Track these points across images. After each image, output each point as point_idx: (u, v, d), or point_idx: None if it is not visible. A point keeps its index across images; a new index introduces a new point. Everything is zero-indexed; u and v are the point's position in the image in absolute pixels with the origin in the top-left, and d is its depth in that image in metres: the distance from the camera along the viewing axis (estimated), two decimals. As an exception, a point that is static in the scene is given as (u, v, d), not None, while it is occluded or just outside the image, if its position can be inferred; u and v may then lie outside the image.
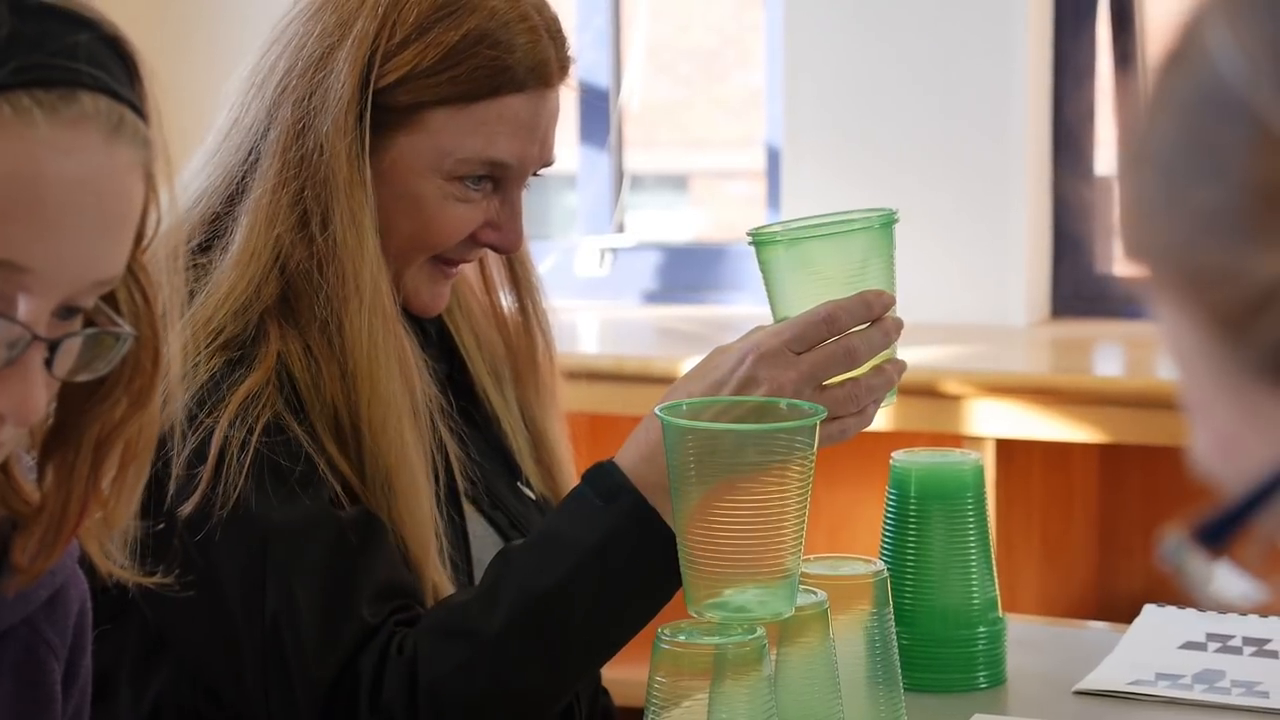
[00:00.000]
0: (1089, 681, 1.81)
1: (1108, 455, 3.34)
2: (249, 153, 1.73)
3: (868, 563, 1.65)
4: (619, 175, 3.94)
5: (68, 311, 1.13)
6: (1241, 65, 0.72)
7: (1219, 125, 0.72)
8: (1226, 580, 0.74)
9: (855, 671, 1.60)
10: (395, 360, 1.70)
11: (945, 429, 3.03)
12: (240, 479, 1.62)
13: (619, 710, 1.94)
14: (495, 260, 1.91)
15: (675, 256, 3.88)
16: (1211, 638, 1.91)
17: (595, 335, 3.69)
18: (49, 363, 1.12)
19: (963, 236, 3.46)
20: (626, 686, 2.06)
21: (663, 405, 1.54)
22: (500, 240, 1.78)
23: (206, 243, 1.73)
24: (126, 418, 1.20)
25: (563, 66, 1.77)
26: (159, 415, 1.22)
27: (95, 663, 1.39)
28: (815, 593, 1.56)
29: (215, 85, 1.78)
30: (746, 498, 1.49)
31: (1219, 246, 0.72)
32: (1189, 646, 1.89)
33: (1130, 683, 1.81)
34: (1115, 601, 3.33)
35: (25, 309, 1.10)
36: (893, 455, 1.82)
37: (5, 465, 1.21)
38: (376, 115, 1.71)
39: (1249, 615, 1.93)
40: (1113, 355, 3.42)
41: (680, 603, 1.55)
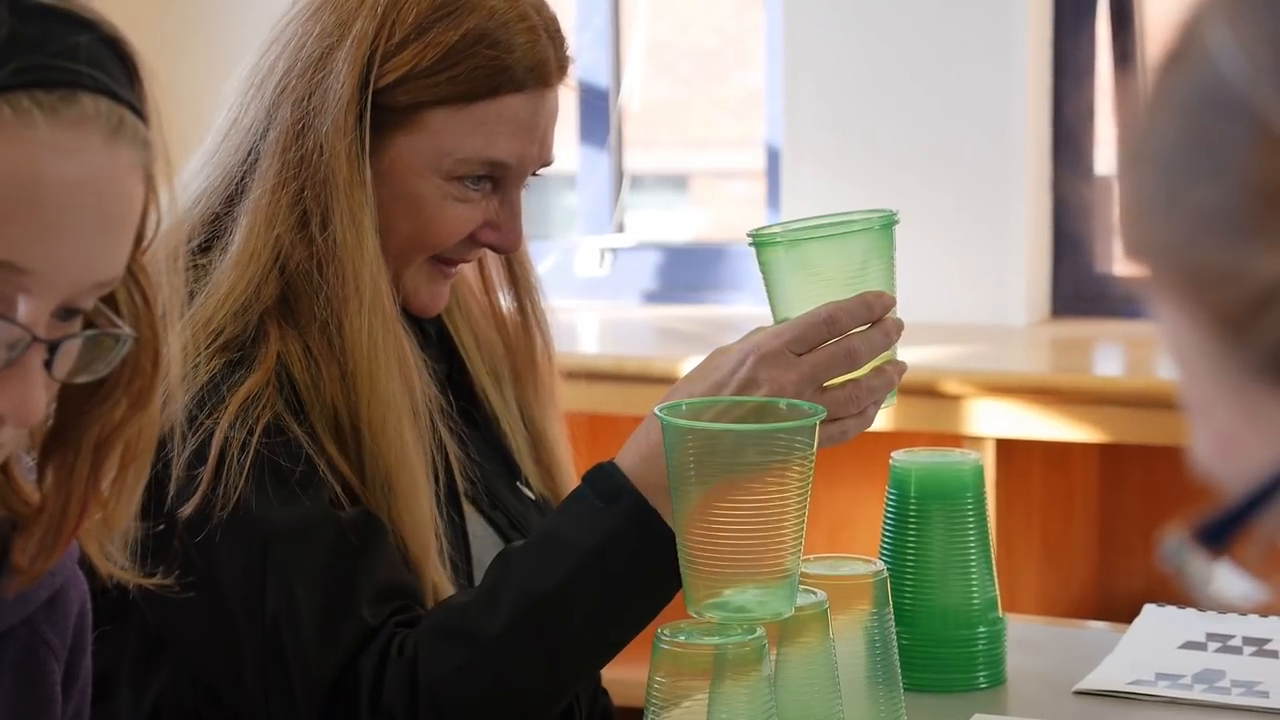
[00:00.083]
0: (1089, 681, 1.81)
1: (1108, 455, 3.34)
2: (248, 153, 1.73)
3: (867, 563, 1.65)
4: (619, 175, 3.94)
5: (67, 313, 1.13)
6: (1242, 64, 0.71)
7: (1219, 124, 0.72)
8: (1227, 580, 0.74)
9: (855, 672, 1.60)
10: (395, 360, 1.70)
11: (945, 429, 3.03)
12: (240, 480, 1.62)
13: (619, 710, 1.94)
14: (494, 260, 1.91)
15: (675, 256, 3.88)
16: (1211, 637, 1.91)
17: (595, 335, 3.69)
18: (49, 364, 1.12)
19: (963, 236, 3.46)
20: (626, 686, 2.06)
21: (662, 406, 1.54)
22: (499, 240, 1.78)
23: (206, 243, 1.73)
24: (126, 419, 1.20)
25: (561, 66, 1.76)
26: (159, 416, 1.22)
27: (95, 663, 1.38)
28: (815, 593, 1.56)
29: (214, 86, 1.78)
30: (746, 498, 1.49)
31: (1219, 246, 0.72)
32: (1189, 646, 1.89)
33: (1130, 683, 1.81)
34: (1115, 601, 3.32)
35: (25, 310, 1.10)
36: (892, 455, 1.82)
37: (5, 466, 1.21)
38: (376, 115, 1.71)
39: (1249, 615, 1.93)
40: (1113, 355, 3.41)
41: (680, 603, 1.55)
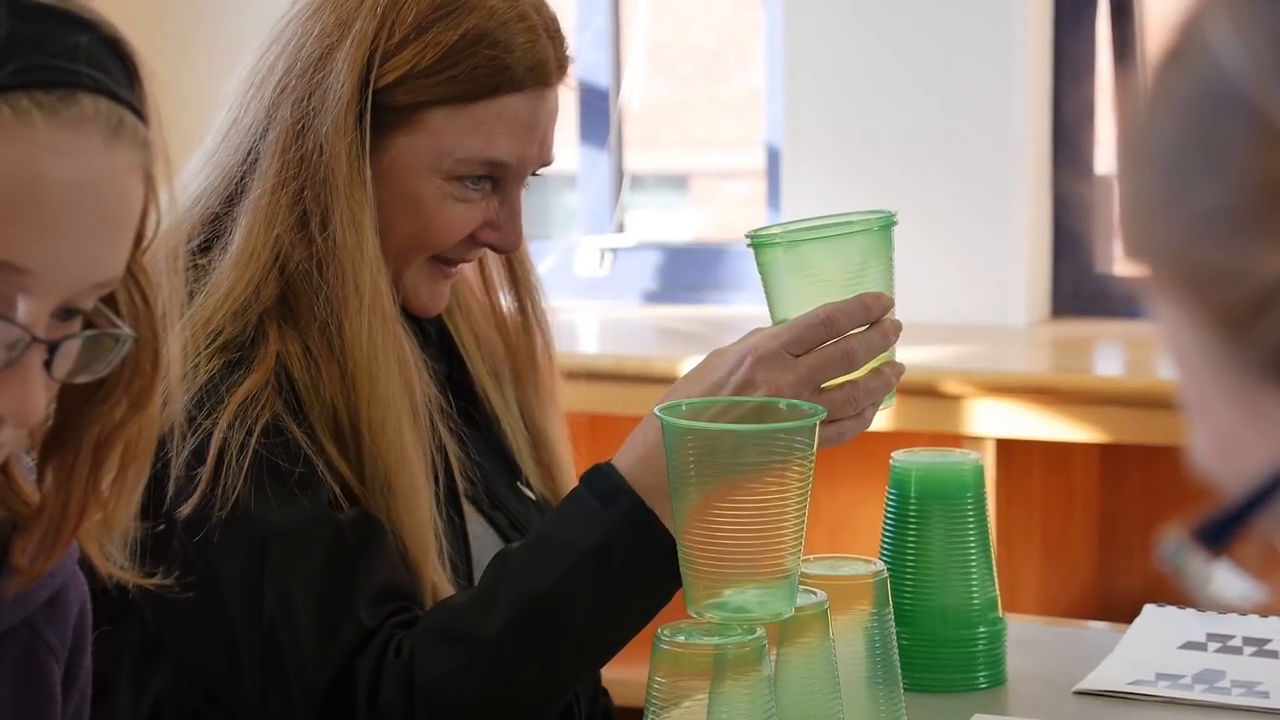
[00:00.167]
0: (1089, 681, 1.81)
1: (1108, 455, 3.34)
2: (248, 153, 1.73)
3: (868, 563, 1.65)
4: (619, 175, 3.94)
5: (67, 313, 1.13)
6: (1244, 59, 0.70)
7: (1220, 121, 0.71)
8: (1226, 580, 0.74)
9: (855, 672, 1.60)
10: (395, 361, 1.70)
11: (945, 429, 3.03)
12: (239, 481, 1.62)
13: (619, 710, 1.94)
14: (495, 260, 1.91)
15: (675, 256, 3.87)
16: (1212, 638, 1.91)
17: (595, 335, 3.69)
18: (48, 364, 1.12)
19: (963, 236, 3.46)
20: (626, 686, 2.06)
21: (662, 406, 1.54)
22: (499, 240, 1.78)
23: (206, 243, 1.72)
24: (126, 419, 1.20)
25: (561, 66, 1.76)
26: (159, 417, 1.22)
27: (95, 664, 1.38)
28: (815, 593, 1.56)
29: (214, 86, 1.78)
30: (746, 498, 1.49)
31: (1220, 245, 0.71)
32: (1189, 646, 1.89)
33: (1130, 683, 1.81)
34: (1115, 601, 3.32)
35: (25, 311, 1.10)
36: (893, 455, 1.82)
37: (5, 466, 1.21)
38: (376, 115, 1.70)
39: (1249, 615, 1.93)
40: (1113, 355, 3.41)
41: (680, 603, 1.55)
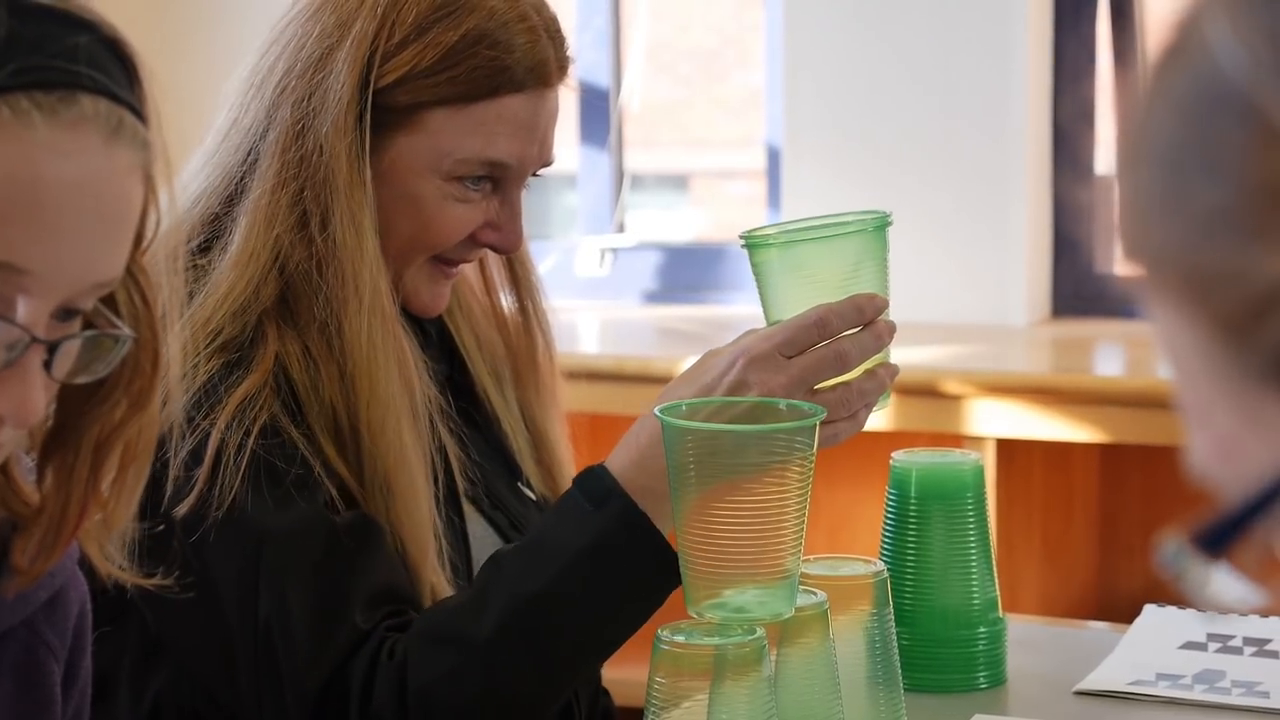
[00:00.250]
0: (1089, 682, 1.81)
1: (1108, 455, 3.34)
2: (248, 153, 1.73)
3: (868, 563, 1.65)
4: (619, 175, 3.94)
5: (67, 313, 1.13)
6: (1242, 58, 0.70)
7: (1220, 122, 0.71)
8: (1224, 584, 0.73)
9: (855, 672, 1.60)
10: (394, 361, 1.70)
11: (945, 429, 3.03)
12: (236, 481, 1.61)
13: (619, 710, 1.94)
14: (495, 260, 1.91)
15: (675, 256, 3.87)
16: (1212, 638, 1.91)
17: (595, 335, 3.69)
18: (48, 365, 1.12)
19: (963, 236, 3.46)
20: (626, 687, 2.06)
21: (662, 406, 1.54)
22: (500, 240, 1.78)
23: (205, 244, 1.72)
24: (126, 419, 1.20)
25: (562, 66, 1.76)
26: (158, 417, 1.22)
27: (95, 664, 1.38)
28: (815, 593, 1.55)
29: (214, 86, 1.78)
30: (746, 498, 1.49)
31: (1220, 248, 0.71)
32: (1189, 646, 1.89)
33: (1130, 683, 1.81)
34: (1116, 601, 3.32)
35: (24, 311, 1.10)
36: (893, 455, 1.82)
37: (5, 467, 1.21)
38: (376, 115, 1.70)
39: (1249, 615, 1.93)
40: (1113, 355, 3.41)
41: (680, 603, 1.55)
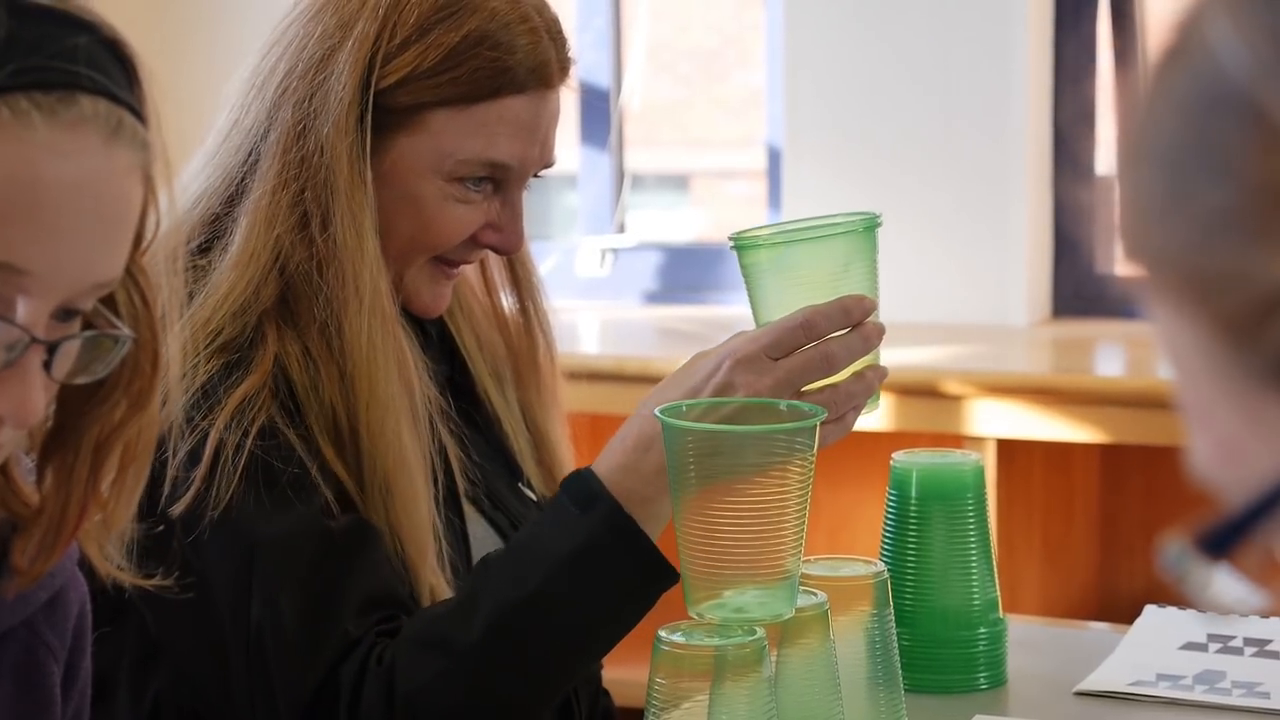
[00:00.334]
0: (1090, 682, 1.81)
1: (1109, 455, 3.34)
2: (249, 154, 1.73)
3: (868, 564, 1.65)
4: (620, 175, 3.94)
5: (66, 314, 1.13)
6: (1244, 58, 0.69)
7: (1222, 122, 0.70)
8: (1227, 586, 0.73)
9: (856, 673, 1.60)
10: (394, 362, 1.70)
11: (946, 429, 3.03)
12: (233, 482, 1.61)
13: (619, 711, 1.94)
14: (496, 261, 1.90)
15: (676, 257, 3.87)
16: (1212, 638, 1.91)
17: (596, 336, 3.69)
18: (48, 365, 1.12)
19: (963, 236, 3.46)
20: (627, 687, 2.06)
21: (662, 407, 1.54)
22: (501, 241, 1.78)
23: (206, 244, 1.72)
24: (126, 420, 1.20)
25: (563, 68, 1.76)
26: (158, 417, 1.22)
27: (94, 664, 1.38)
28: (815, 594, 1.55)
29: (215, 87, 1.78)
30: (746, 498, 1.49)
31: (1222, 249, 0.70)
32: (1190, 647, 1.89)
33: (1131, 683, 1.81)
34: (1116, 602, 3.32)
35: (24, 311, 1.10)
36: (893, 456, 1.82)
37: (5, 467, 1.21)
38: (377, 116, 1.70)
39: (1250, 617, 1.93)
40: (1114, 355, 3.41)
41: (680, 603, 1.54)
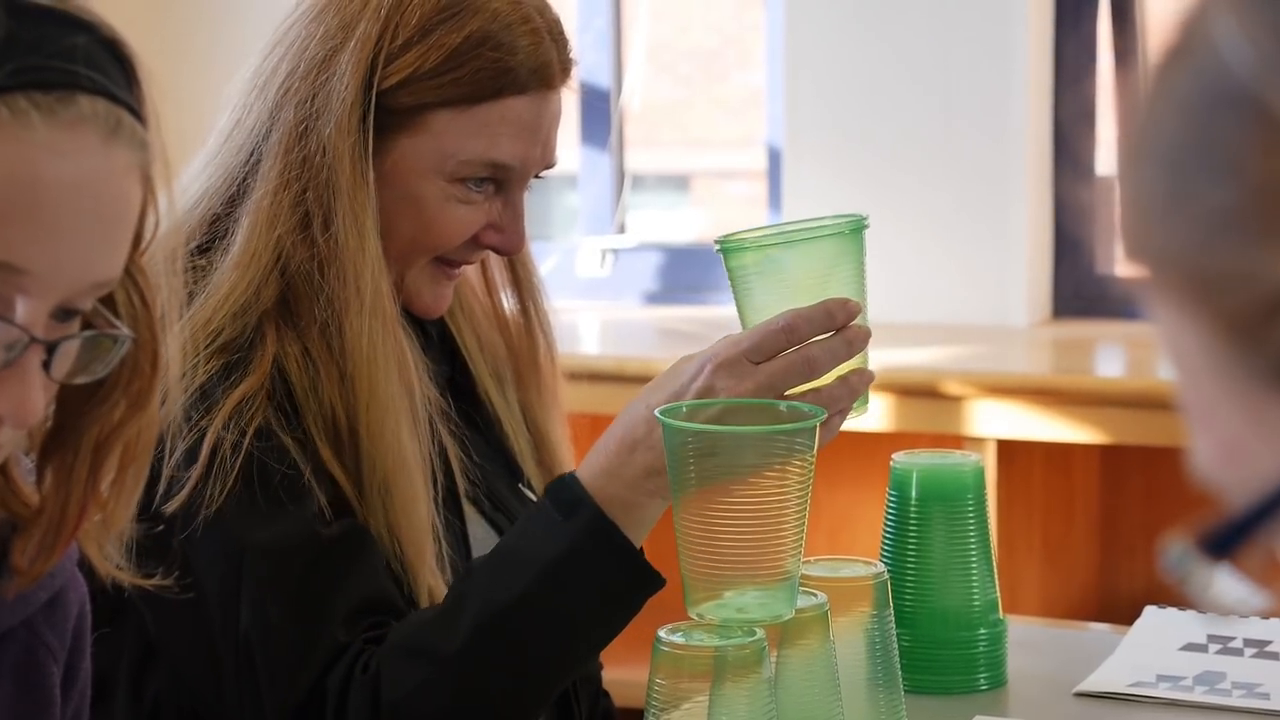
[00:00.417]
0: (1090, 683, 1.81)
1: (1109, 456, 3.34)
2: (250, 154, 1.73)
3: (868, 564, 1.65)
4: (620, 176, 3.94)
5: (65, 314, 1.13)
6: (1249, 56, 0.69)
7: (1225, 120, 0.70)
8: (1229, 587, 0.73)
9: (855, 673, 1.60)
10: (395, 363, 1.69)
11: (946, 430, 3.03)
12: (229, 483, 1.61)
13: (619, 711, 1.94)
14: (497, 262, 1.90)
15: (676, 257, 3.87)
16: (1212, 639, 1.91)
17: (596, 336, 3.69)
18: (47, 365, 1.12)
19: (963, 236, 3.46)
20: (627, 688, 2.06)
21: (661, 408, 1.54)
22: (502, 242, 1.78)
23: (206, 244, 1.72)
24: (125, 420, 1.20)
25: (565, 68, 1.76)
26: (158, 417, 1.22)
27: (93, 665, 1.38)
28: (815, 595, 1.55)
29: (215, 87, 1.78)
30: (746, 499, 1.49)
31: (1226, 249, 0.70)
32: (1190, 648, 1.89)
33: (1131, 684, 1.80)
34: (1116, 603, 3.32)
35: (23, 311, 1.10)
36: (893, 456, 1.82)
37: (4, 467, 1.21)
38: (379, 117, 1.70)
39: (1250, 617, 1.93)
40: (1114, 356, 3.41)
41: (680, 604, 1.54)
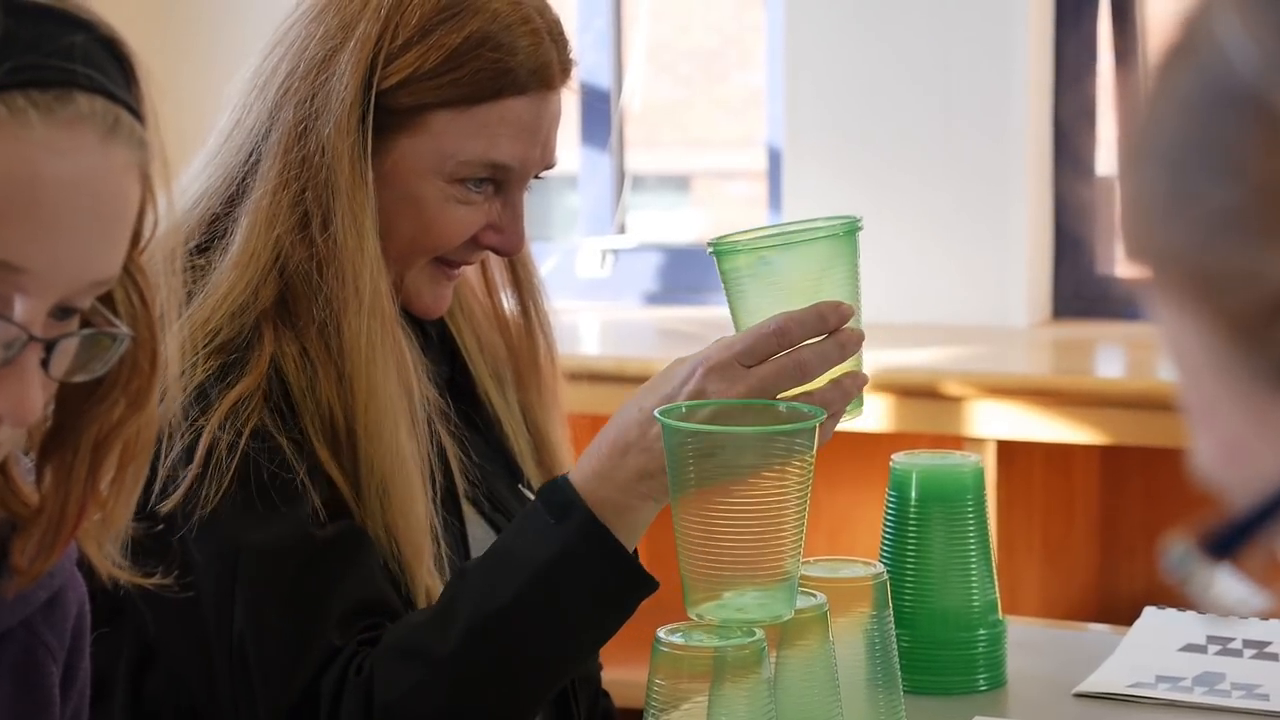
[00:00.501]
0: (1089, 684, 1.81)
1: (1109, 457, 3.34)
2: (250, 154, 1.73)
3: (867, 565, 1.65)
4: (620, 176, 3.94)
5: (64, 312, 1.13)
6: (1253, 55, 0.69)
7: (1228, 118, 0.69)
8: (1229, 587, 0.73)
9: (855, 674, 1.60)
10: (393, 364, 1.69)
11: (946, 430, 3.02)
12: (224, 483, 1.61)
13: (619, 711, 1.94)
14: (497, 262, 1.90)
15: (676, 257, 3.87)
16: (1212, 640, 1.91)
17: (596, 336, 3.69)
18: (45, 363, 1.12)
19: (963, 236, 3.46)
20: (626, 688, 2.06)
21: (661, 409, 1.54)
22: (502, 243, 1.78)
23: (205, 244, 1.72)
24: (124, 419, 1.20)
25: (565, 69, 1.76)
26: (157, 416, 1.22)
27: (92, 665, 1.38)
28: (815, 595, 1.55)
29: (215, 87, 1.78)
30: (746, 500, 1.49)
31: (1230, 248, 0.69)
32: (1189, 649, 1.89)
33: (1130, 685, 1.80)
34: (1116, 603, 3.32)
35: (21, 309, 1.10)
36: (893, 457, 1.82)
37: (4, 467, 1.21)
38: (378, 117, 1.70)
39: (1250, 618, 1.93)
40: (1114, 356, 3.41)
41: (679, 605, 1.54)
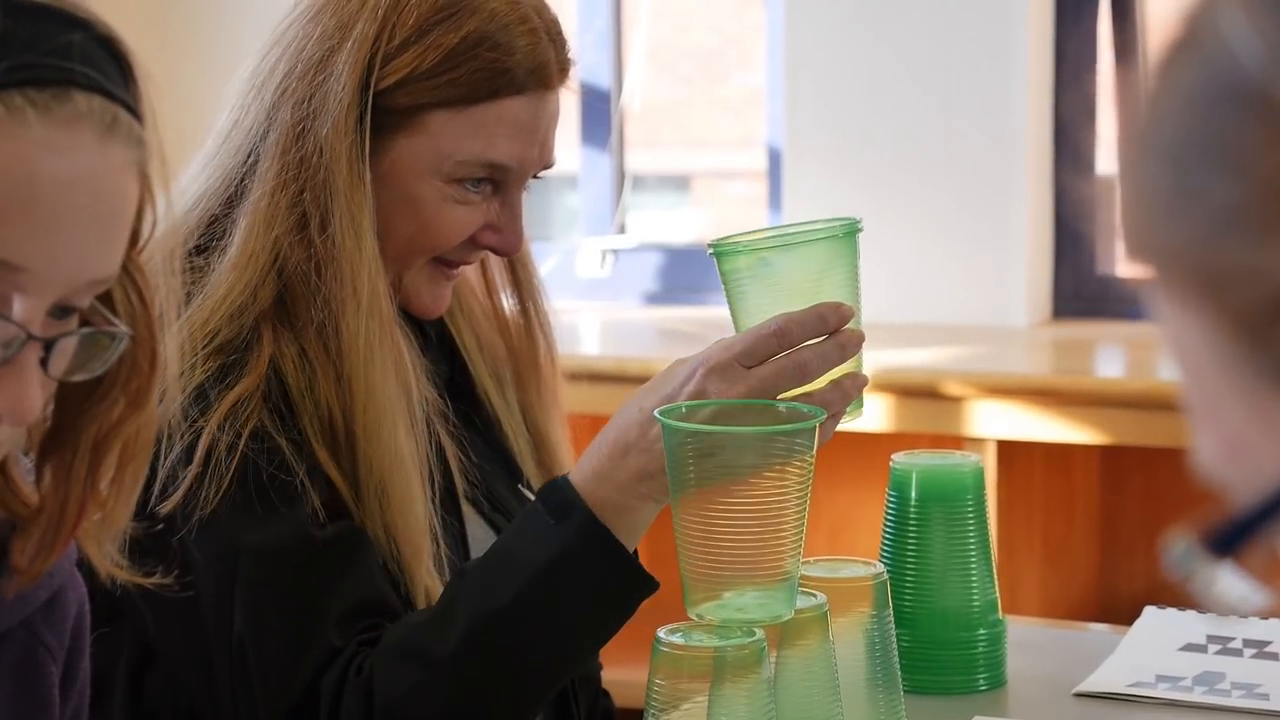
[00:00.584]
0: (1089, 683, 1.81)
1: (1109, 457, 3.34)
2: (248, 155, 1.73)
3: (868, 565, 1.65)
4: (620, 176, 3.94)
5: (63, 311, 1.13)
6: (1257, 50, 0.68)
7: (1233, 115, 0.69)
8: (1231, 585, 0.73)
9: (855, 674, 1.60)
10: (391, 364, 1.69)
11: (946, 430, 3.02)
12: (224, 484, 1.60)
13: (619, 711, 1.94)
14: (497, 262, 1.90)
15: (676, 257, 3.87)
16: (1212, 640, 1.91)
17: (596, 336, 3.69)
18: (44, 362, 1.12)
19: (963, 236, 3.46)
20: (626, 688, 2.06)
21: (662, 408, 1.53)
22: (500, 243, 1.77)
23: (204, 245, 1.72)
24: (124, 418, 1.20)
25: (563, 69, 1.76)
26: (156, 415, 1.22)
27: (92, 665, 1.38)
28: (815, 595, 1.55)
29: (213, 88, 1.78)
30: (746, 500, 1.48)
31: (1234, 245, 0.69)
32: (1189, 648, 1.89)
33: (1130, 685, 1.80)
34: (1116, 603, 3.32)
35: (20, 308, 1.10)
36: (893, 457, 1.82)
37: (4, 466, 1.21)
38: (376, 117, 1.70)
39: (1249, 617, 1.93)
40: (1114, 356, 3.41)
41: (679, 605, 1.54)
